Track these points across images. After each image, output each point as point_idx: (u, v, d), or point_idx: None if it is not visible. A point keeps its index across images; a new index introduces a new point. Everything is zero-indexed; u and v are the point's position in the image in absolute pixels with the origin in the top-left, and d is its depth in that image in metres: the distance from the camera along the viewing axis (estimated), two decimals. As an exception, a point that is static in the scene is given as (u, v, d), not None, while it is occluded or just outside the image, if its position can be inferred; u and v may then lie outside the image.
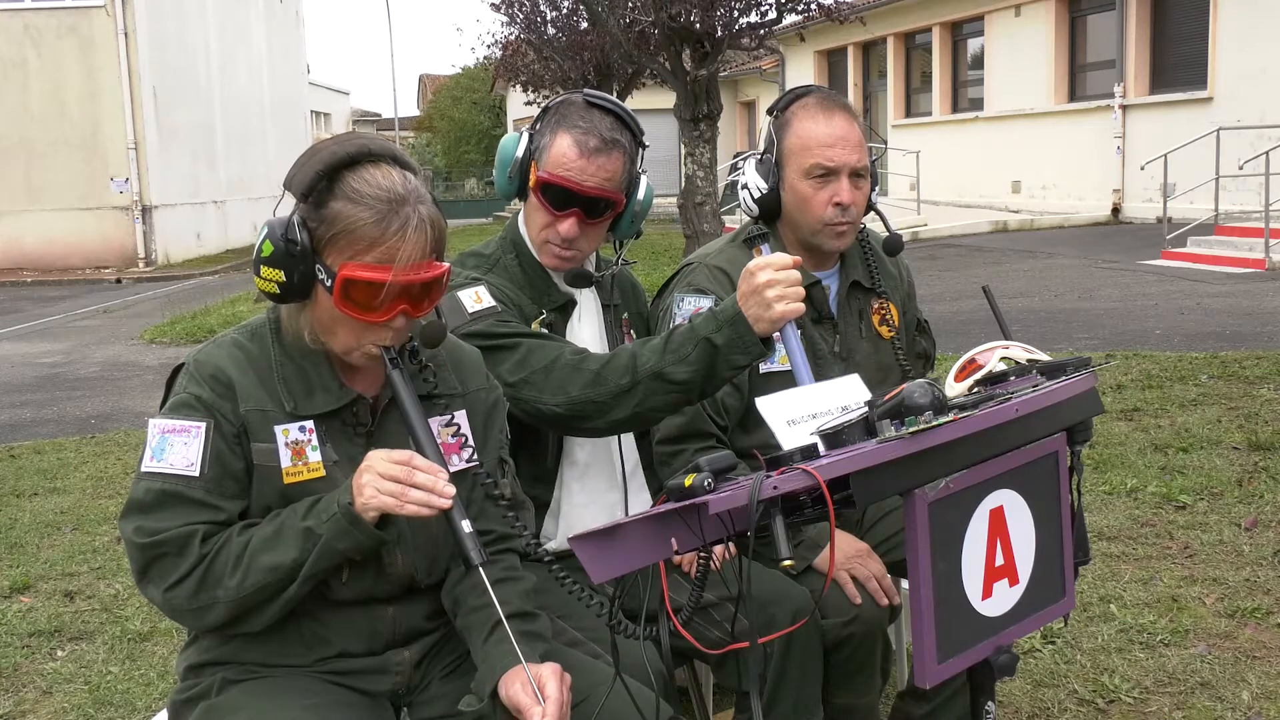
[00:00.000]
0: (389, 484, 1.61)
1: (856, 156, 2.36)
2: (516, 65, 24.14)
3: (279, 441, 1.71)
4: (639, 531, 1.39)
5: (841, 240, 2.41)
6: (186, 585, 1.65)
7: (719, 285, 2.38)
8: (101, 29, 20.58)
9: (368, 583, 1.76)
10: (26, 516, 5.29)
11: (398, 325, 1.69)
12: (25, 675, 3.56)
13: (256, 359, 1.75)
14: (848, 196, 2.34)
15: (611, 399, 2.02)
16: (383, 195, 1.64)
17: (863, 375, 2.44)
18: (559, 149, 2.14)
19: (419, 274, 1.65)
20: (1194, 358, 7.23)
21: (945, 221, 18.27)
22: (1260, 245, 11.81)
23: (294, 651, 1.77)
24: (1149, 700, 2.99)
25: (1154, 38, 16.88)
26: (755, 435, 2.41)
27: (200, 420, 1.69)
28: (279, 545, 1.65)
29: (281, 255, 1.65)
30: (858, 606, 2.24)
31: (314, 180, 1.65)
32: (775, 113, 2.44)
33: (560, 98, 2.23)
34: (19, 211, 20.74)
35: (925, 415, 1.44)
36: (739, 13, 16.92)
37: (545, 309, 2.23)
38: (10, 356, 11.37)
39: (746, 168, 2.44)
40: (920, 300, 2.79)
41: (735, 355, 1.95)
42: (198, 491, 1.67)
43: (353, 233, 1.63)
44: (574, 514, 2.27)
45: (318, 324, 1.72)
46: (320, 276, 1.66)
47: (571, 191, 2.14)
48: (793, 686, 2.16)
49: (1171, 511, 4.42)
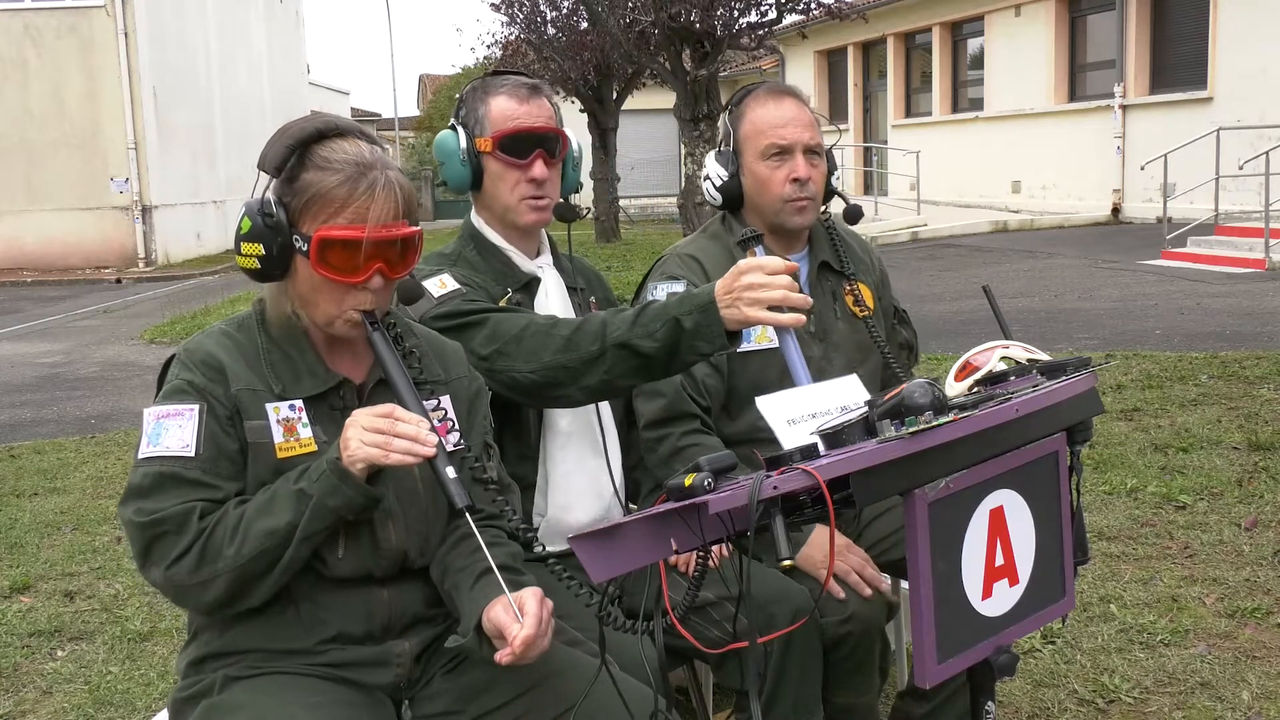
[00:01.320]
0: (373, 435, 1.64)
1: (809, 135, 2.45)
2: (516, 65, 24.16)
3: (270, 419, 1.75)
4: (639, 531, 1.39)
5: (803, 216, 2.48)
6: (187, 560, 1.67)
7: (690, 270, 2.46)
8: (101, 29, 20.58)
9: (363, 558, 1.77)
10: (26, 516, 5.29)
11: (375, 286, 1.73)
12: (25, 675, 3.56)
13: (244, 346, 1.80)
14: (804, 171, 2.43)
15: (582, 364, 2.04)
16: (351, 159, 1.72)
17: (841, 355, 2.53)
18: (498, 108, 2.23)
19: (391, 232, 1.71)
20: (1194, 358, 7.24)
21: (945, 221, 18.27)
22: (1260, 245, 11.82)
23: (293, 635, 1.77)
24: (1149, 700, 2.99)
25: (1154, 38, 16.89)
26: (741, 422, 2.44)
27: (193, 403, 1.73)
28: (273, 510, 1.68)
29: (259, 229, 1.72)
30: (853, 604, 2.23)
31: (285, 155, 1.73)
32: (730, 108, 2.55)
33: (467, 86, 2.32)
34: (19, 211, 20.74)
35: (925, 415, 1.44)
36: (739, 13, 16.93)
37: (510, 288, 2.27)
38: (10, 356, 11.37)
39: (707, 160, 2.55)
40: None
41: (699, 341, 1.97)
42: (194, 471, 1.70)
43: (324, 196, 1.70)
44: (559, 484, 2.28)
45: (299, 299, 1.77)
46: (298, 245, 1.72)
47: (527, 134, 2.22)
48: (792, 686, 2.16)
49: (1171, 511, 4.42)
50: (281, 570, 1.70)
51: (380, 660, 1.81)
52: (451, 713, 1.82)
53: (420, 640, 1.85)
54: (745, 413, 2.41)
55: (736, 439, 2.44)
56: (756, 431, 2.38)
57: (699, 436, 2.36)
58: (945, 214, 19.17)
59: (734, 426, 2.44)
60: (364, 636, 1.80)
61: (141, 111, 20.69)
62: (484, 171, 2.26)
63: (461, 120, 2.28)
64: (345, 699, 1.75)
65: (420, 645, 1.85)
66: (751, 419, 2.43)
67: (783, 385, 2.46)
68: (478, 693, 1.83)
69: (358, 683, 1.80)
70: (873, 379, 2.54)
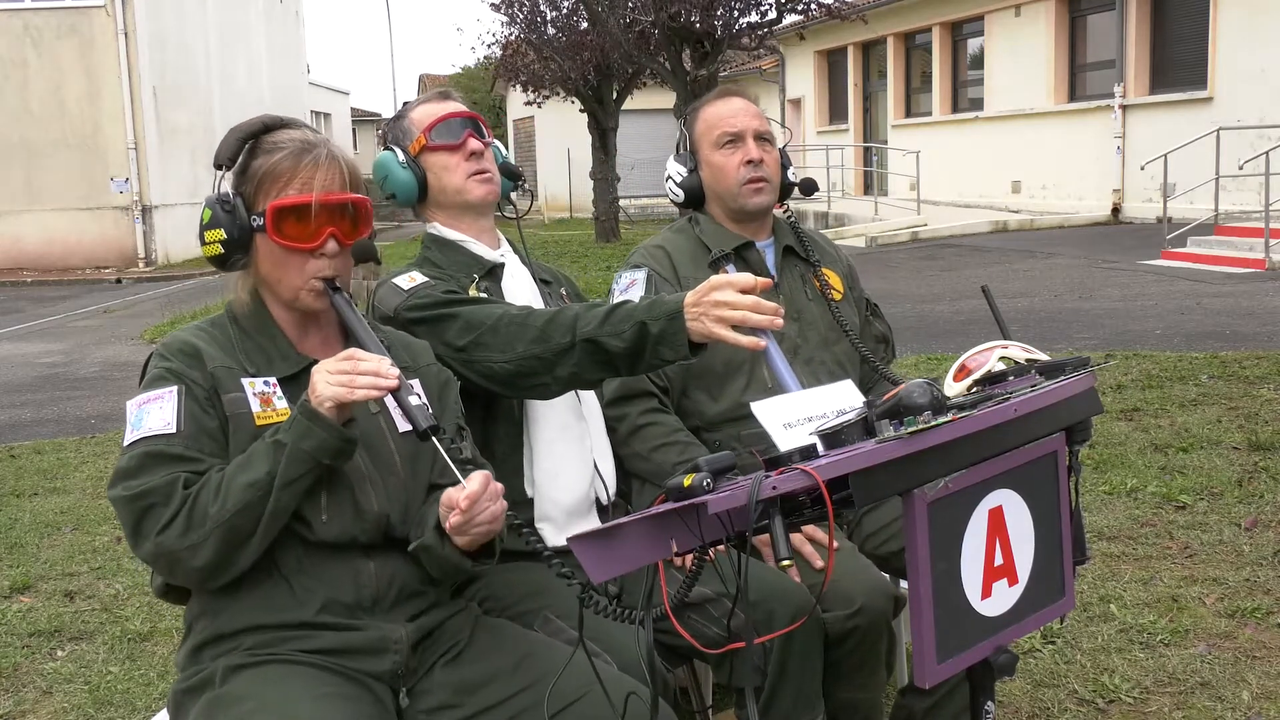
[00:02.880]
0: (337, 375, 1.72)
1: (758, 122, 2.63)
2: (516, 65, 24.15)
3: (247, 392, 1.83)
4: (638, 531, 1.39)
5: (761, 197, 2.60)
6: (176, 525, 1.72)
7: (654, 260, 2.60)
8: (101, 29, 20.59)
9: (346, 522, 1.82)
10: (26, 516, 5.30)
11: (331, 250, 1.84)
12: (25, 675, 3.56)
13: (219, 337, 1.90)
14: (756, 153, 2.59)
15: (554, 356, 2.08)
16: (295, 139, 1.87)
17: (815, 333, 2.62)
18: (418, 114, 2.37)
19: (339, 197, 1.84)
20: (1194, 358, 7.24)
21: (945, 221, 18.27)
22: (1260, 245, 11.81)
23: (285, 606, 1.80)
24: (1149, 700, 2.99)
25: (1154, 38, 16.88)
26: (723, 401, 2.52)
27: (172, 385, 1.81)
28: (251, 464, 1.74)
29: (218, 216, 1.85)
30: (861, 598, 2.23)
31: (236, 148, 1.87)
32: (684, 117, 2.75)
33: (383, 124, 2.51)
34: (19, 211, 20.74)
35: (924, 415, 1.44)
36: (739, 13, 16.95)
37: (476, 275, 2.33)
38: (10, 356, 11.37)
39: (668, 163, 2.73)
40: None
41: (663, 348, 2.00)
42: (177, 446, 1.76)
43: (273, 173, 1.84)
44: (543, 449, 2.29)
45: (265, 281, 1.89)
46: (255, 224, 1.84)
47: (451, 118, 2.35)
48: (793, 681, 2.16)
49: (1171, 511, 4.42)
50: (266, 524, 1.74)
51: (378, 647, 1.82)
52: (449, 706, 1.83)
53: (417, 629, 1.87)
54: (726, 391, 2.51)
55: (722, 418, 2.50)
56: (741, 409, 2.46)
57: (656, 415, 2.46)
58: (945, 214, 19.17)
59: (718, 406, 2.51)
60: (354, 605, 1.83)
61: (141, 111, 20.70)
62: (426, 171, 2.35)
63: (390, 144, 2.40)
64: (349, 693, 1.76)
65: (418, 633, 1.87)
66: (735, 396, 2.51)
67: (754, 363, 2.50)
68: (476, 688, 1.84)
69: (357, 672, 1.81)
70: (851, 360, 2.65)
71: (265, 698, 1.70)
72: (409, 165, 2.33)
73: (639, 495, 2.50)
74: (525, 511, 2.26)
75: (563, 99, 23.61)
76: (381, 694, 1.82)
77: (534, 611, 2.09)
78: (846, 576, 2.26)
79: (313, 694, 1.71)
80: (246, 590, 1.80)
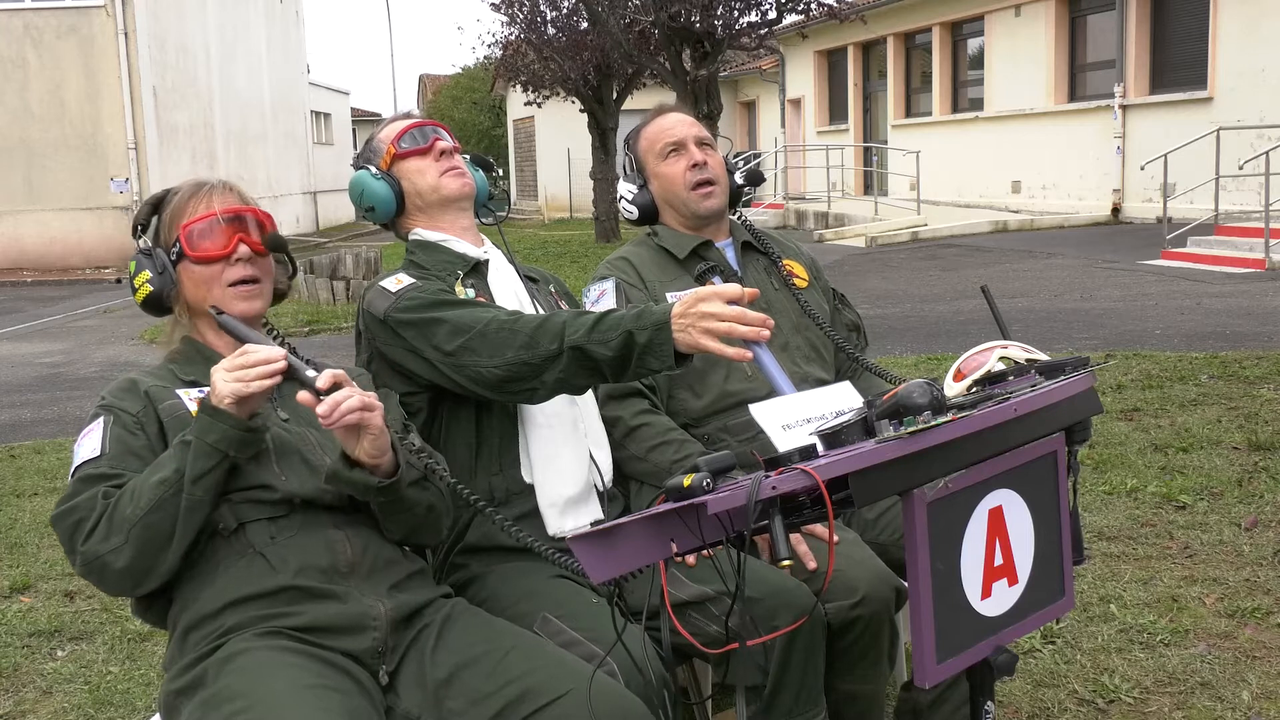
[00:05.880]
0: (231, 372, 1.83)
1: (696, 130, 2.73)
2: (516, 65, 24.15)
3: (183, 399, 1.97)
4: (638, 531, 1.39)
5: (711, 200, 2.68)
6: (98, 532, 1.82)
7: (618, 270, 2.68)
8: (101, 29, 20.60)
9: (303, 478, 1.92)
10: (26, 516, 5.30)
11: (244, 254, 2.02)
12: (25, 675, 3.56)
13: (161, 375, 2.05)
14: (699, 156, 2.68)
15: (542, 362, 2.09)
16: (190, 183, 2.09)
17: (786, 321, 2.67)
18: (386, 132, 2.45)
19: (239, 208, 2.04)
20: (1194, 358, 7.24)
21: (945, 221, 18.27)
22: (1260, 245, 11.82)
23: (262, 575, 1.87)
24: (1149, 700, 2.99)
25: (1154, 38, 16.89)
26: (707, 396, 2.56)
27: (101, 417, 1.95)
28: (162, 466, 1.85)
29: (142, 263, 2.05)
30: (864, 586, 2.23)
31: (148, 211, 2.10)
32: (627, 142, 2.84)
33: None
34: (19, 211, 20.75)
35: (924, 415, 1.44)
36: (739, 13, 16.95)
37: (461, 271, 2.36)
38: (10, 356, 11.38)
39: (618, 185, 2.85)
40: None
41: (649, 358, 2.00)
42: (103, 466, 1.88)
43: (177, 208, 2.05)
44: (536, 435, 2.30)
45: (193, 307, 2.05)
46: (173, 255, 2.03)
47: (419, 126, 2.44)
48: (796, 679, 2.16)
49: (1171, 511, 4.42)
50: (183, 521, 1.81)
51: (358, 624, 1.86)
52: (432, 701, 1.85)
53: (397, 605, 1.91)
54: (708, 384, 2.56)
55: (707, 412, 2.54)
56: (726, 398, 2.53)
57: (648, 416, 2.48)
58: (945, 214, 19.18)
59: (701, 401, 2.56)
60: (330, 570, 1.89)
61: (141, 111, 20.71)
62: (401, 179, 2.39)
63: (363, 158, 2.45)
64: (335, 683, 1.78)
65: (398, 611, 1.91)
66: (718, 388, 2.55)
67: None
68: (460, 685, 1.85)
69: (338, 652, 1.84)
70: (825, 346, 2.71)
71: (256, 695, 1.72)
72: (383, 177, 2.38)
73: (637, 496, 2.50)
74: (527, 499, 2.26)
75: (563, 99, 23.61)
76: (362, 677, 1.85)
77: (532, 613, 2.09)
78: (850, 566, 2.26)
79: (300, 686, 1.73)
80: (224, 571, 1.88)
